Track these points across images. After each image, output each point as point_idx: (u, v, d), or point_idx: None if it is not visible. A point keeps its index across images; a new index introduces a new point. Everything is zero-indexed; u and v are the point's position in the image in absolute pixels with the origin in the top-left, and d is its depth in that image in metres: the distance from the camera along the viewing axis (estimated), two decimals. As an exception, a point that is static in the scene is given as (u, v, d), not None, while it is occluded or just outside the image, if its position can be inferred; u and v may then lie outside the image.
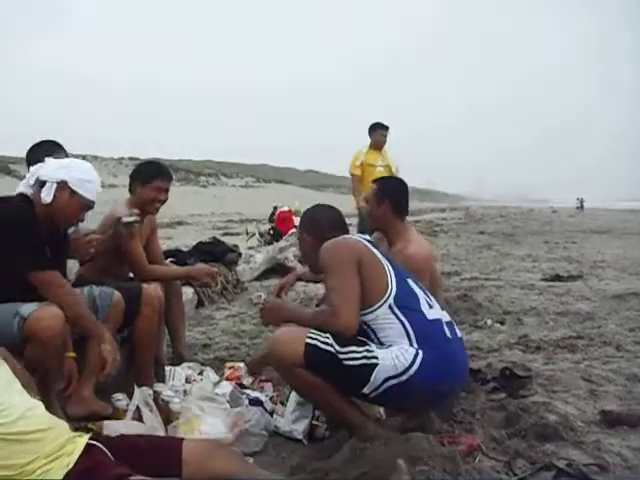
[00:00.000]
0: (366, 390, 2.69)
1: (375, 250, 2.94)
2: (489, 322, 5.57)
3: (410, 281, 2.93)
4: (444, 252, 12.25)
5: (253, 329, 5.51)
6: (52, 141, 3.63)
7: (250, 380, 3.71)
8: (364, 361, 2.67)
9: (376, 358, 2.67)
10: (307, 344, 2.71)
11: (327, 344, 2.70)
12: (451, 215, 28.49)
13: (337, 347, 2.69)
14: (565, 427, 2.92)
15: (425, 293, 2.95)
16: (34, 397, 2.25)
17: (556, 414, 3.04)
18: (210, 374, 3.76)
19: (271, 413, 3.21)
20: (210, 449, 2.28)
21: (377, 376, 2.66)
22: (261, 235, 12.24)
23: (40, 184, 3.07)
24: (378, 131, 8.40)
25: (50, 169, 3.09)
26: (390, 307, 2.77)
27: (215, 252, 7.29)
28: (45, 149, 3.52)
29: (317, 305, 4.17)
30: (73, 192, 3.08)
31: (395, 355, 2.67)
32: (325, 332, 2.72)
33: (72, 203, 3.10)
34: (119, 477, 2.02)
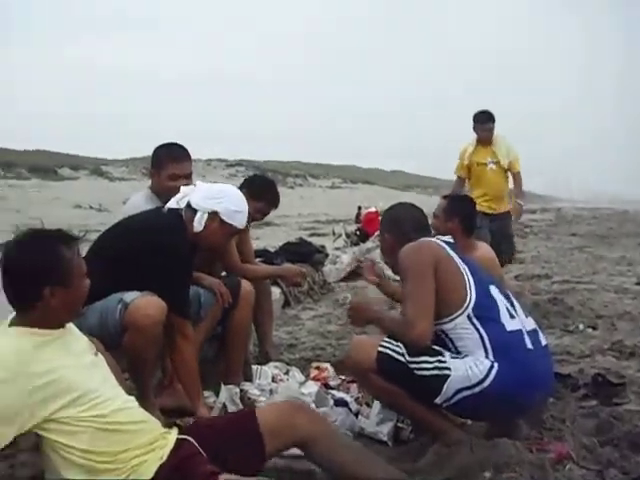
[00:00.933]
0: (438, 400, 2.68)
1: (455, 255, 2.88)
2: (581, 326, 5.40)
3: (492, 288, 2.85)
4: (534, 254, 11.95)
5: (339, 330, 5.52)
6: (176, 144, 3.70)
7: (337, 381, 3.74)
8: (436, 372, 2.66)
9: (448, 369, 2.65)
10: (379, 352, 2.74)
11: (399, 353, 2.72)
12: (542, 217, 27.76)
13: (408, 357, 2.70)
14: (660, 437, 2.81)
15: (509, 300, 2.87)
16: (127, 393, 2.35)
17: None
18: (296, 374, 3.80)
19: (356, 414, 3.22)
20: (288, 410, 2.37)
21: (449, 387, 2.64)
22: (348, 236, 12.26)
23: (192, 210, 3.12)
24: (478, 126, 6.77)
25: (202, 198, 3.12)
26: (469, 317, 2.72)
27: (302, 252, 7.36)
28: (169, 152, 3.60)
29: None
30: (223, 222, 3.14)
31: (469, 366, 2.64)
32: (399, 341, 2.75)
33: (220, 232, 3.17)
34: (209, 474, 2.09)
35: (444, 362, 2.68)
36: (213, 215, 3.11)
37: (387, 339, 2.79)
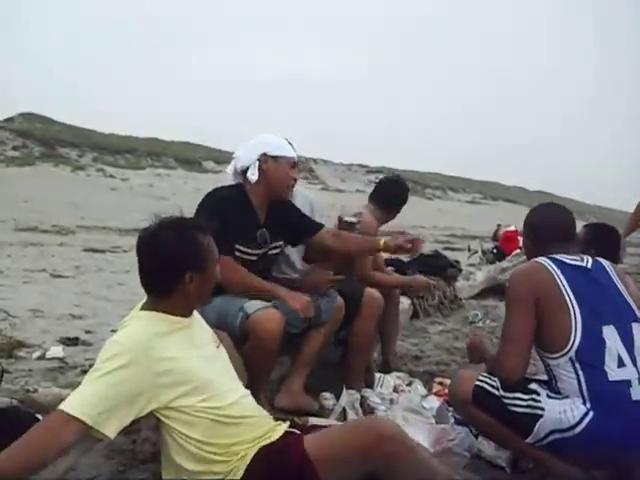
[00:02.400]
0: (530, 440, 2.57)
1: (566, 284, 2.63)
2: None
3: (606, 329, 2.59)
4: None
5: (466, 347, 5.40)
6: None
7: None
8: (529, 410, 2.56)
9: (542, 409, 2.54)
10: (476, 385, 2.70)
11: (493, 387, 2.66)
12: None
13: (502, 392, 2.63)
14: None
15: (627, 344, 2.59)
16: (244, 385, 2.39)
17: None
18: (418, 387, 3.75)
19: (476, 435, 3.14)
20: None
21: (541, 427, 2.53)
22: (484, 253, 12.05)
23: (243, 172, 3.28)
24: None
25: (244, 156, 3.30)
26: (571, 359, 2.55)
27: (436, 265, 7.26)
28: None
29: None
30: (275, 158, 3.26)
31: (563, 409, 2.50)
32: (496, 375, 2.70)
33: (280, 167, 3.28)
34: (298, 455, 2.08)
35: (538, 402, 2.57)
36: (263, 158, 3.23)
37: (485, 373, 2.76)
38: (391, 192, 4.28)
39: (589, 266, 2.77)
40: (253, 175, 3.24)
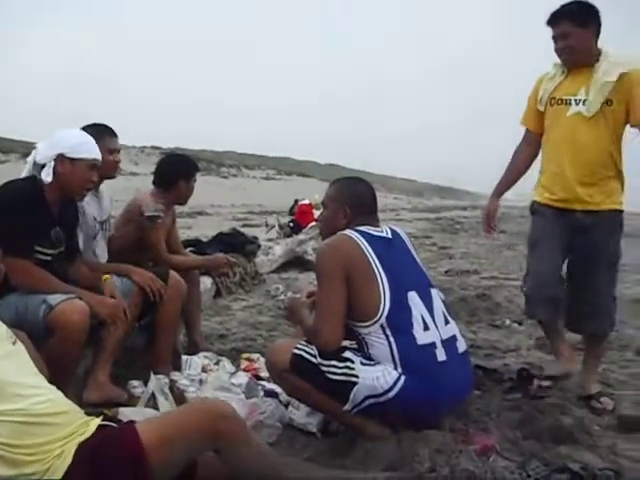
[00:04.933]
0: (348, 407, 2.70)
1: (373, 255, 2.76)
2: (507, 322, 5.54)
3: (411, 294, 2.77)
4: (464, 250, 12.21)
5: (270, 321, 5.52)
6: (103, 125, 3.63)
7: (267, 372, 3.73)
8: (344, 377, 2.68)
9: (356, 376, 2.67)
10: (294, 353, 2.79)
11: (311, 355, 2.76)
12: (472, 213, 28.30)
13: (320, 359, 2.73)
14: (580, 430, 2.90)
15: (428, 308, 2.79)
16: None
17: (572, 417, 3.01)
18: (226, 364, 3.77)
19: (286, 405, 3.21)
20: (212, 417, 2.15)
21: (357, 394, 2.66)
22: (281, 227, 12.27)
23: (41, 167, 3.11)
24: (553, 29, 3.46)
25: (43, 151, 3.12)
26: (382, 326, 2.69)
27: (234, 243, 7.32)
28: (94, 132, 3.42)
29: None
30: (73, 160, 3.09)
31: (376, 376, 2.64)
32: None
33: (77, 170, 3.11)
34: (132, 445, 2.04)
35: (352, 369, 2.68)
36: (60, 158, 3.09)
37: (303, 341, 2.84)
38: (165, 170, 4.21)
39: (389, 236, 2.93)
40: (47, 176, 3.06)
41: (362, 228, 2.88)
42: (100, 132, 3.49)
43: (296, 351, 2.79)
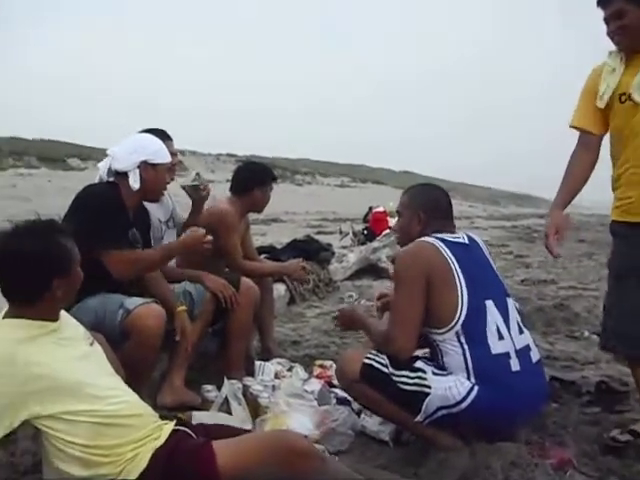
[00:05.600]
0: (420, 418, 2.67)
1: (454, 259, 2.73)
2: (586, 333, 5.37)
3: (489, 303, 2.72)
4: (541, 259, 11.91)
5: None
6: (161, 130, 3.73)
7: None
8: (416, 388, 2.66)
9: (429, 387, 2.64)
10: (364, 363, 2.77)
11: (382, 364, 2.73)
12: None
13: (391, 369, 2.71)
14: (663, 446, 2.80)
15: (504, 317, 2.73)
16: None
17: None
18: (299, 371, 3.79)
19: (358, 413, 3.21)
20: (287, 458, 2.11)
21: (429, 404, 2.63)
22: (355, 235, 12.24)
23: (122, 175, 3.21)
24: (604, 9, 2.90)
25: (122, 158, 3.22)
26: (457, 334, 2.65)
27: (309, 250, 7.35)
28: (157, 136, 3.58)
29: None
30: (154, 165, 3.23)
31: (449, 386, 2.61)
32: (383, 353, 2.76)
33: (159, 175, 3.27)
34: (202, 445, 2.11)
35: (425, 379, 2.66)
36: (143, 166, 3.20)
37: (373, 351, 2.82)
38: (241, 177, 4.26)
39: (467, 242, 2.90)
40: (135, 183, 3.18)
41: (441, 235, 2.85)
42: (161, 136, 3.60)
43: (366, 361, 2.78)
